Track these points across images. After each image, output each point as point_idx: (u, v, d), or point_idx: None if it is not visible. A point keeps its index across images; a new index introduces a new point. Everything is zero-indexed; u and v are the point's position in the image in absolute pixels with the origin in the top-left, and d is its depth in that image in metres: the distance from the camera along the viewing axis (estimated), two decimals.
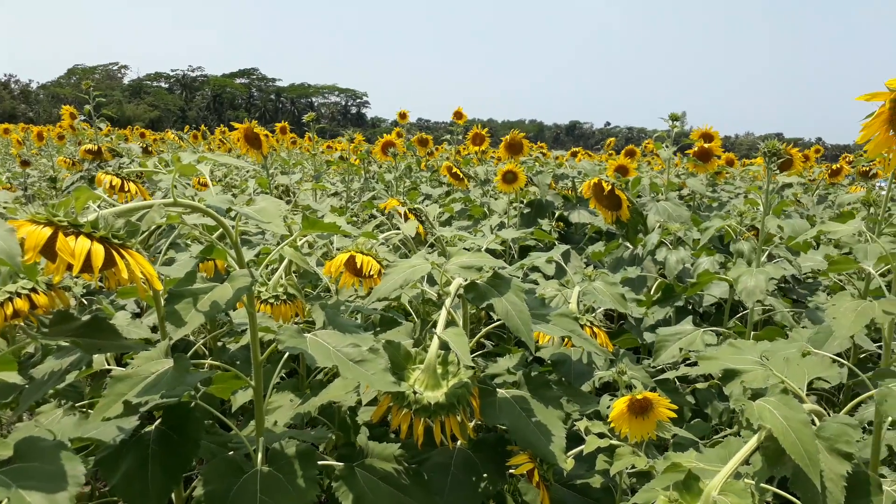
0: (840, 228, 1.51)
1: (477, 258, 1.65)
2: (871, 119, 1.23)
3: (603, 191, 2.99)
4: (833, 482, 1.01)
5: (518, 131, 4.61)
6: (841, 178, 6.36)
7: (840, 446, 1.05)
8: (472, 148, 5.17)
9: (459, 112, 6.45)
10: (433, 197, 5.27)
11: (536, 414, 1.70)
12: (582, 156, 8.19)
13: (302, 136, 10.83)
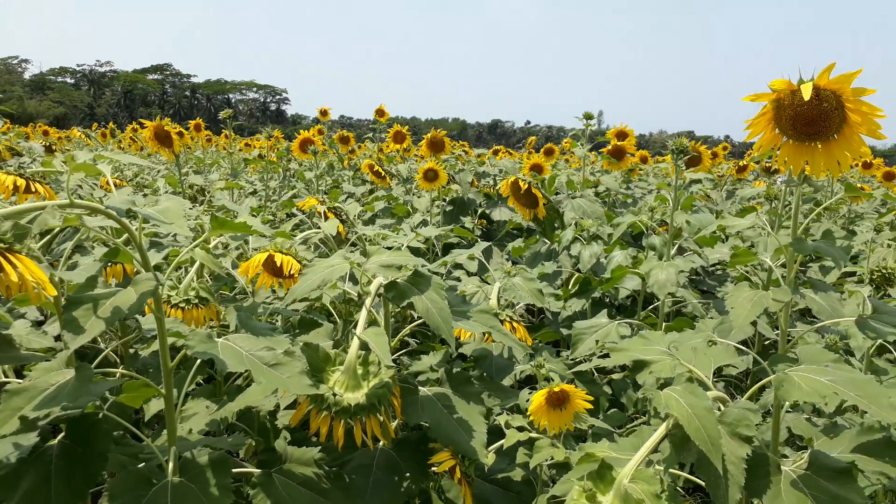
0: (738, 222, 1.59)
1: (397, 256, 1.65)
2: (756, 118, 1.30)
3: (520, 189, 3.05)
4: (734, 465, 1.06)
5: (440, 129, 4.63)
6: (746, 174, 6.72)
7: (741, 430, 1.10)
8: (393, 146, 5.16)
9: (381, 110, 6.41)
10: (356, 195, 5.22)
11: (458, 410, 1.71)
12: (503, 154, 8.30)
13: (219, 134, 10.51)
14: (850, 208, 5.34)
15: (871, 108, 1.25)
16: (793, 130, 1.33)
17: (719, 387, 2.57)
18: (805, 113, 1.27)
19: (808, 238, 1.59)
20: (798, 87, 1.26)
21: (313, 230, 2.06)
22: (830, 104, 1.27)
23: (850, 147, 1.32)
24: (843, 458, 1.29)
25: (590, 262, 2.82)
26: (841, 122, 1.30)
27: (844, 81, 1.23)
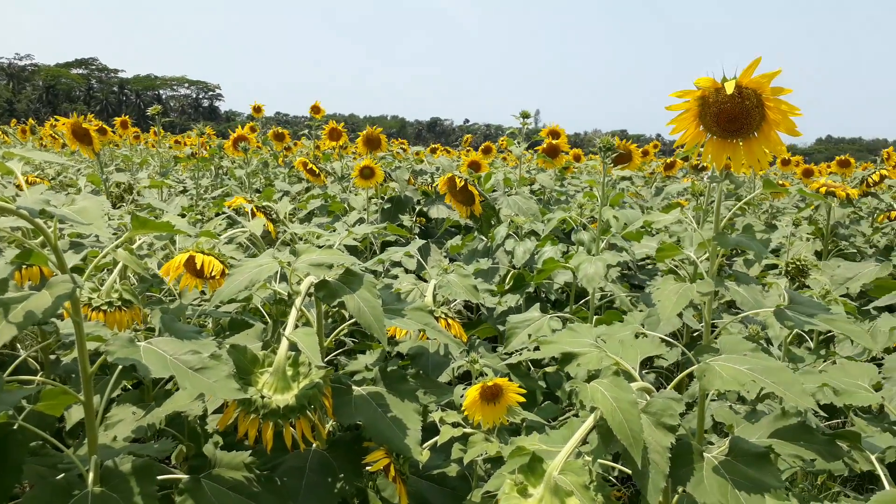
0: (662, 218, 1.64)
1: (328, 255, 1.62)
2: (681, 115, 1.34)
3: (456, 186, 3.06)
4: (659, 454, 1.09)
5: (376, 127, 4.60)
6: (675, 171, 6.93)
7: (665, 420, 1.13)
8: (328, 143, 5.09)
9: (317, 106, 6.32)
10: (291, 193, 5.13)
11: (392, 409, 1.70)
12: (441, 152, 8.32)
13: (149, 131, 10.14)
14: (771, 204, 5.58)
15: (790, 106, 1.31)
16: (716, 127, 1.37)
17: (650, 378, 2.65)
18: (728, 110, 1.32)
19: (731, 232, 1.65)
20: (722, 85, 1.30)
21: (238, 229, 2.00)
22: (752, 102, 1.31)
23: (769, 144, 1.37)
24: (761, 443, 1.34)
25: (523, 258, 2.86)
26: (761, 120, 1.34)
27: (765, 80, 1.28)
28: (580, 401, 1.10)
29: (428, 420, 1.87)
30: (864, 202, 5.00)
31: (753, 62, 1.22)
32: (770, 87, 1.26)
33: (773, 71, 1.25)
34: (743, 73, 1.25)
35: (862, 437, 1.59)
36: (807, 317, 1.45)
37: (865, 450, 1.53)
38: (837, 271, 3.36)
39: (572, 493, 1.04)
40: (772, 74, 1.25)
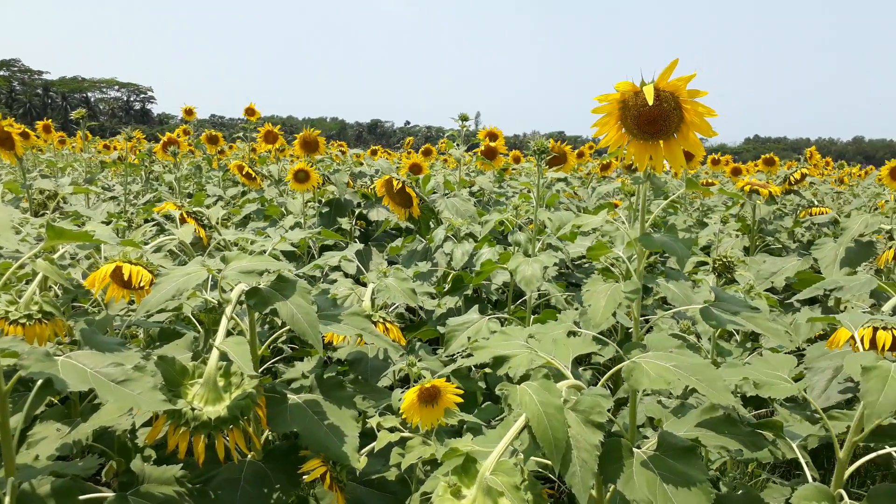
0: (591, 219, 1.67)
1: (259, 262, 1.59)
2: (604, 118, 1.37)
3: (393, 188, 3.05)
4: (587, 452, 1.10)
5: (313, 129, 4.54)
6: (610, 171, 7.09)
7: (593, 417, 1.15)
8: (264, 146, 4.99)
9: (252, 108, 6.19)
10: (225, 198, 5.01)
11: (329, 416, 1.68)
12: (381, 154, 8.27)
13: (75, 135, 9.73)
14: (702, 202, 5.77)
15: (706, 108, 1.35)
16: (637, 129, 1.40)
17: (587, 374, 2.69)
18: (647, 113, 1.35)
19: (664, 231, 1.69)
20: (640, 89, 1.33)
21: (167, 237, 1.94)
22: (670, 105, 1.35)
23: (688, 145, 1.41)
24: (688, 437, 1.38)
25: (462, 260, 2.87)
26: (679, 122, 1.38)
27: (681, 83, 1.32)
28: (508, 404, 1.11)
29: (367, 425, 1.86)
30: (789, 199, 5.22)
31: (670, 66, 1.26)
32: (687, 90, 1.30)
33: (689, 74, 1.29)
34: (660, 77, 1.28)
35: (784, 426, 1.66)
36: (730, 315, 1.50)
37: (787, 438, 1.60)
38: (763, 266, 3.50)
39: (503, 494, 1.05)
40: (688, 77, 1.29)
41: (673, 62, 1.29)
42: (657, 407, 1.68)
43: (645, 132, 1.40)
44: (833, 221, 3.92)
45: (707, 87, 1.30)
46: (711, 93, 1.34)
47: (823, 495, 1.24)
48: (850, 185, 9.10)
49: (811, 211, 4.65)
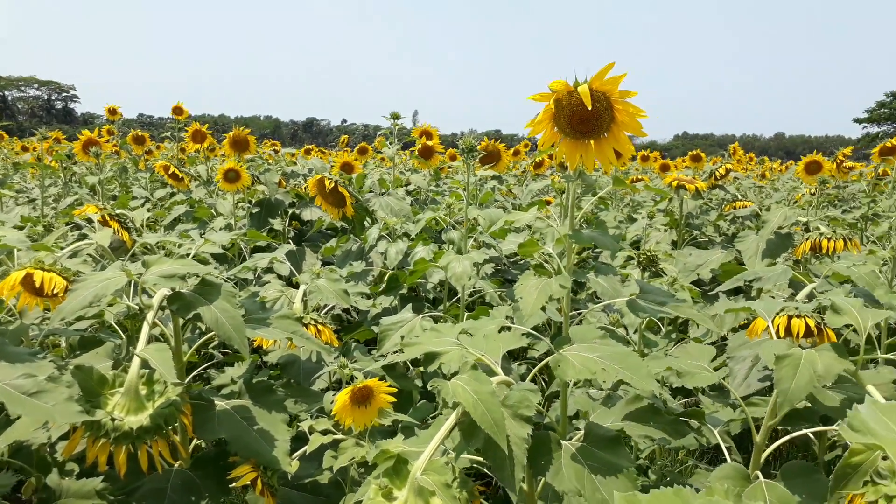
0: (521, 217, 1.69)
1: (181, 265, 1.54)
2: (538, 117, 1.38)
3: (325, 188, 3.01)
4: (517, 445, 1.12)
5: (243, 128, 4.43)
6: (544, 169, 7.20)
7: (522, 411, 1.17)
8: (192, 146, 4.85)
9: (179, 108, 6.00)
10: (153, 200, 4.85)
11: (259, 421, 1.65)
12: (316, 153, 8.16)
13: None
14: (632, 199, 5.93)
15: (636, 109, 1.38)
16: (569, 128, 1.42)
17: (522, 369, 2.72)
18: (580, 112, 1.37)
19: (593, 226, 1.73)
20: (574, 88, 1.35)
21: (84, 242, 1.86)
22: (602, 105, 1.37)
23: (618, 144, 1.45)
24: (615, 427, 1.42)
25: (396, 259, 2.86)
26: (611, 122, 1.41)
27: (613, 84, 1.34)
28: (442, 399, 1.11)
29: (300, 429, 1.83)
30: (715, 194, 5.42)
31: (605, 67, 1.28)
32: (618, 91, 1.33)
33: (620, 75, 1.31)
34: (594, 78, 1.31)
35: (707, 413, 1.72)
36: (656, 305, 1.54)
37: (710, 425, 1.66)
38: (689, 259, 3.62)
39: (435, 493, 1.05)
40: (619, 78, 1.32)
41: (609, 64, 1.31)
42: (585, 399, 1.71)
43: (577, 131, 1.43)
44: (755, 215, 4.09)
45: (638, 87, 1.34)
46: (643, 91, 1.38)
47: (739, 475, 1.29)
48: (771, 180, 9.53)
49: (735, 205, 4.83)
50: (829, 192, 5.20)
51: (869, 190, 5.71)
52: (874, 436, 0.84)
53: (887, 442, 0.82)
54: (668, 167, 7.74)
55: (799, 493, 1.24)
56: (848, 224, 4.15)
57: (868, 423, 0.86)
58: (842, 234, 2.84)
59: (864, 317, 1.27)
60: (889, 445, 0.82)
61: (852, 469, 0.98)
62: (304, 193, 4.51)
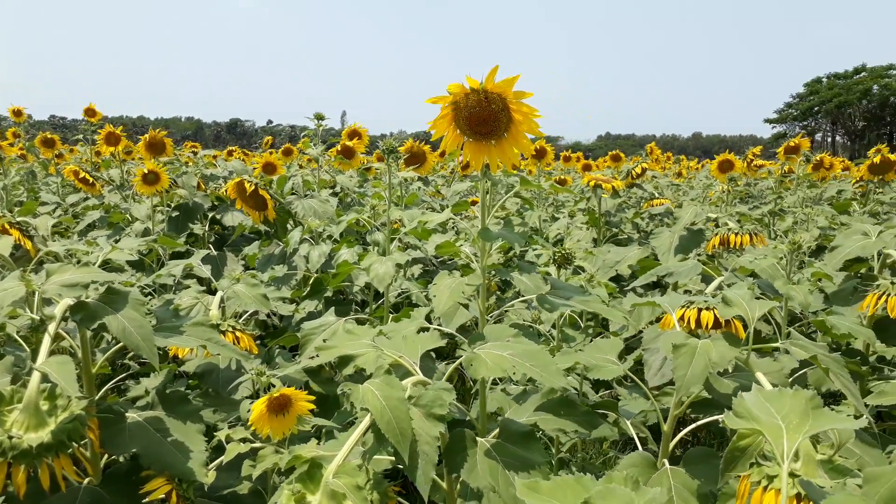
0: (436, 216, 1.71)
1: (85, 274, 1.48)
2: (438, 119, 1.40)
3: (246, 190, 2.96)
4: (428, 444, 1.13)
5: (160, 129, 4.29)
6: (471, 170, 7.27)
7: (435, 411, 1.18)
8: (106, 149, 4.66)
9: (92, 109, 5.75)
10: (64, 205, 4.63)
11: (173, 432, 1.60)
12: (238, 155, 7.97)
13: None
14: (555, 198, 6.06)
15: (531, 109, 1.42)
16: (470, 130, 1.45)
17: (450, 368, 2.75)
18: (478, 114, 1.40)
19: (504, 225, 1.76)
20: (471, 91, 1.38)
21: None
22: (498, 106, 1.41)
23: (517, 144, 1.48)
24: (529, 422, 1.45)
25: (319, 262, 2.83)
26: (508, 122, 1.45)
27: (507, 85, 1.38)
28: (351, 402, 1.11)
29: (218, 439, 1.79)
30: (633, 192, 5.60)
31: (494, 68, 1.31)
32: (513, 91, 1.37)
33: (514, 76, 1.35)
34: (486, 79, 1.33)
35: (620, 404, 1.78)
36: (563, 300, 1.59)
37: (623, 416, 1.72)
38: (608, 256, 3.73)
39: (346, 496, 1.05)
40: (513, 79, 1.35)
41: (494, 68, 1.35)
42: (501, 395, 1.75)
43: (477, 132, 1.45)
44: (669, 212, 4.25)
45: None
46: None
47: (647, 462, 1.35)
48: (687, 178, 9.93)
49: (652, 203, 5.02)
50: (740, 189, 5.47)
51: (776, 187, 6.05)
52: (756, 421, 0.89)
53: (767, 426, 0.88)
54: (590, 167, 7.94)
55: (700, 477, 1.31)
56: (755, 219, 4.38)
57: (751, 409, 0.91)
58: (748, 229, 3.00)
59: (752, 307, 1.35)
60: (768, 430, 0.87)
61: (740, 452, 1.04)
62: (225, 197, 4.40)
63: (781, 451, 0.85)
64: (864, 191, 5.57)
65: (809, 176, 5.75)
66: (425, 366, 2.17)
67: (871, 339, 2.05)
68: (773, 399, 0.95)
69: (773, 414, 0.91)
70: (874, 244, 2.32)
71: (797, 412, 0.89)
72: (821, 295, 2.64)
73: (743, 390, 0.99)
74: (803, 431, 0.86)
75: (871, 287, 2.09)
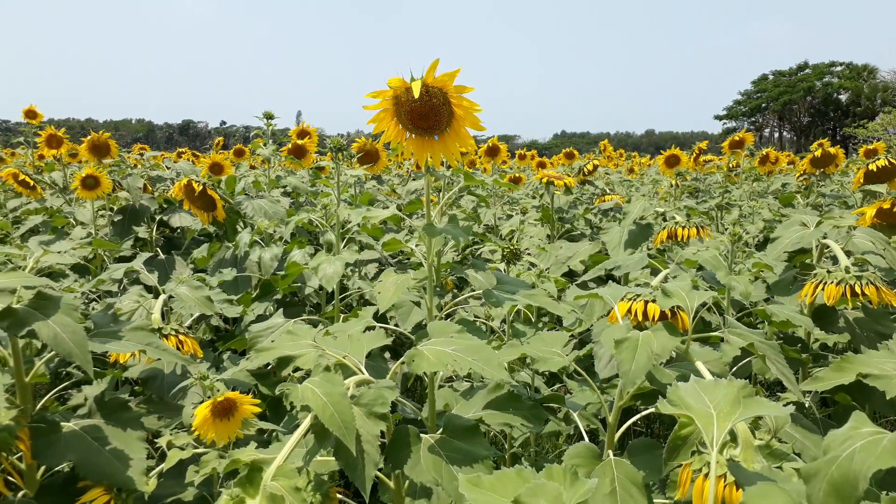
0: (381, 213, 1.70)
1: (13, 278, 1.43)
2: (380, 114, 1.39)
3: (194, 191, 2.89)
4: (370, 443, 1.12)
5: (103, 131, 4.17)
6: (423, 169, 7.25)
7: (376, 409, 1.17)
8: (48, 152, 4.51)
9: (32, 111, 5.56)
10: (4, 210, 4.46)
11: (112, 440, 1.56)
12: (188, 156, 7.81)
13: None
14: (510, 196, 6.10)
15: (472, 103, 1.42)
16: (411, 125, 1.44)
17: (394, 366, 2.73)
18: (418, 108, 1.39)
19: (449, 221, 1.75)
20: (410, 84, 1.37)
21: None
22: (438, 100, 1.40)
23: (459, 139, 1.48)
24: (475, 417, 1.45)
25: (271, 264, 2.79)
26: (450, 117, 1.45)
27: (448, 79, 1.37)
28: (290, 402, 1.10)
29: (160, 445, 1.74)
30: (586, 189, 5.67)
31: (434, 63, 1.30)
32: (453, 86, 1.36)
33: (454, 70, 1.34)
34: (427, 73, 1.33)
35: (568, 397, 1.79)
36: (509, 294, 1.60)
37: (570, 408, 1.73)
38: (560, 252, 3.77)
39: (285, 499, 1.04)
40: (453, 73, 1.35)
41: (435, 61, 1.34)
42: (448, 392, 1.74)
43: (419, 127, 1.45)
44: (617, 207, 4.31)
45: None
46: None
47: (590, 452, 1.36)
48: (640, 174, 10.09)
49: (604, 199, 5.09)
50: (688, 184, 5.59)
51: (723, 181, 6.19)
52: (688, 409, 0.90)
53: (698, 414, 0.89)
54: (545, 165, 8.01)
55: (643, 467, 1.32)
56: (702, 213, 4.47)
57: (685, 398, 0.93)
58: (695, 222, 3.06)
59: (692, 298, 1.37)
60: (700, 417, 0.89)
61: (682, 441, 1.05)
62: (174, 199, 4.30)
63: (711, 438, 0.87)
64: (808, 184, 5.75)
65: (755, 170, 5.90)
66: (376, 366, 2.17)
67: (810, 327, 2.11)
68: (708, 388, 0.97)
69: (705, 402, 0.92)
70: (812, 234, 2.39)
71: (729, 400, 0.91)
72: (763, 285, 2.71)
73: (683, 380, 1.01)
74: (733, 418, 0.88)
75: (809, 276, 2.15)
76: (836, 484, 0.80)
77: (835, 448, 0.83)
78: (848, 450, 0.82)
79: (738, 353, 1.78)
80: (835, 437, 0.85)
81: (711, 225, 4.79)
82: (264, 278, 2.93)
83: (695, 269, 2.63)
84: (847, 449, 0.82)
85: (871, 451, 0.80)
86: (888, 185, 3.45)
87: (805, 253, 2.91)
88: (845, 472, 0.80)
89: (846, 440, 0.83)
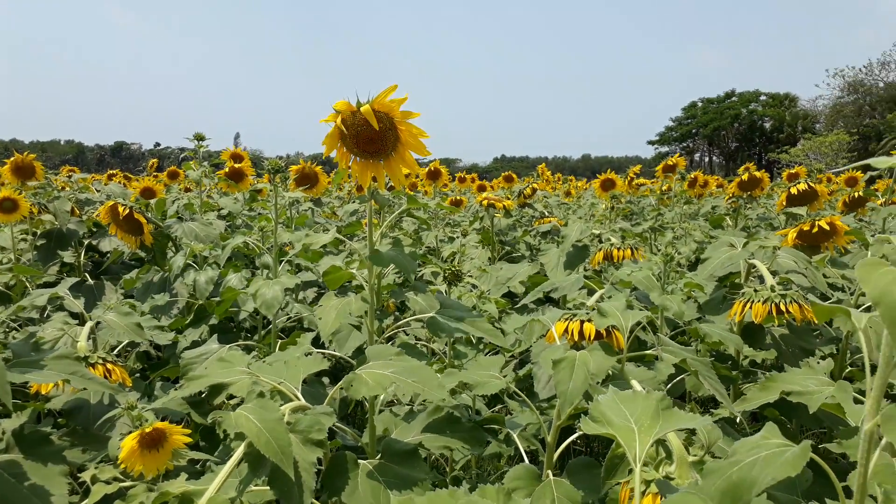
0: (321, 238, 1.69)
1: None
2: (329, 137, 1.39)
3: (120, 215, 2.80)
4: (306, 471, 1.09)
5: (27, 153, 4.00)
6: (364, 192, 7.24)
7: (313, 436, 1.15)
8: None
9: None
10: None
11: (31, 476, 1.47)
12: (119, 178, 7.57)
13: None
14: (451, 218, 6.14)
15: (418, 130, 1.43)
16: (357, 148, 1.44)
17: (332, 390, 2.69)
18: (365, 133, 1.39)
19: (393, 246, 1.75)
20: (357, 109, 1.37)
21: None
22: (385, 125, 1.40)
23: (405, 164, 1.48)
24: (414, 441, 1.44)
25: (208, 289, 2.71)
26: (396, 142, 1.45)
27: (395, 105, 1.38)
28: (224, 430, 1.06)
29: None
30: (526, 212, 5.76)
31: (388, 89, 1.31)
32: (400, 112, 1.37)
33: (401, 97, 1.35)
34: (376, 99, 1.33)
35: (508, 418, 1.80)
36: (455, 322, 1.60)
37: (511, 429, 1.74)
38: (500, 273, 3.81)
39: None
40: (401, 100, 1.36)
41: (391, 86, 1.34)
42: (388, 416, 1.72)
43: (365, 151, 1.45)
44: (556, 230, 4.40)
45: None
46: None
47: (530, 473, 1.36)
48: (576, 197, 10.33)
49: (542, 221, 5.18)
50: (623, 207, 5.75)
51: (656, 204, 6.40)
52: (610, 425, 0.92)
53: (620, 429, 0.91)
54: (485, 188, 8.11)
55: (583, 487, 1.33)
56: (637, 235, 4.60)
57: (606, 412, 0.94)
58: (630, 244, 3.15)
59: (626, 317, 1.41)
60: (621, 432, 0.90)
61: (619, 459, 1.07)
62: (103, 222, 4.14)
63: (634, 454, 0.88)
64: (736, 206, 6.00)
65: (686, 193, 6.13)
66: (314, 391, 2.13)
67: (739, 345, 2.19)
68: (627, 401, 0.99)
69: (626, 416, 0.94)
70: (739, 254, 2.49)
71: (648, 414, 0.93)
72: (695, 304, 2.79)
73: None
74: (654, 432, 0.90)
75: (738, 295, 2.24)
76: (733, 484, 0.84)
77: (741, 453, 0.87)
78: (753, 457, 0.85)
79: (672, 370, 1.83)
80: (744, 444, 0.89)
81: (645, 246, 4.93)
82: (199, 303, 2.85)
83: (629, 290, 2.69)
84: (752, 456, 0.86)
85: (773, 462, 0.83)
86: (808, 208, 3.63)
87: (736, 273, 3.03)
88: (745, 476, 0.83)
89: (753, 448, 0.87)
